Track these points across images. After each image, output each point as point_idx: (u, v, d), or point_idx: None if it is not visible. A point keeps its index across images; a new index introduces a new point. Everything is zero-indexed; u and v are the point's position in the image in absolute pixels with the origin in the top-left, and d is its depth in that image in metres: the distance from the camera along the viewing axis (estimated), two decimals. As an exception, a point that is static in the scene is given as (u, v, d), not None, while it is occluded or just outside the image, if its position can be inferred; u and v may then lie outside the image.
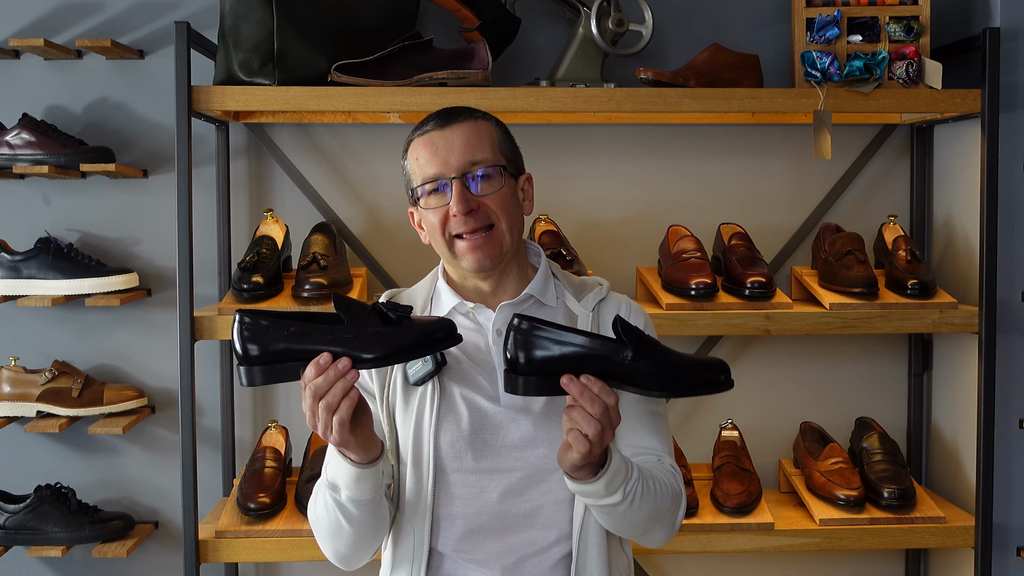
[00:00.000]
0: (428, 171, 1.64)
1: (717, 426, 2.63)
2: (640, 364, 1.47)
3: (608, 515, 1.57)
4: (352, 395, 1.46)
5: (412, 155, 1.68)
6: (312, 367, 1.46)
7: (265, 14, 2.29)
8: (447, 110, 1.69)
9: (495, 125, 1.70)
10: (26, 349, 2.61)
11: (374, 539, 1.64)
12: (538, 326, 1.48)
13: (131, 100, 2.62)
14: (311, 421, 1.48)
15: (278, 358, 1.48)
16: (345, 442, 1.49)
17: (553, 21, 2.64)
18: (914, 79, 2.37)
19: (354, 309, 1.50)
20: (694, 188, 2.69)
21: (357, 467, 1.53)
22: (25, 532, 2.44)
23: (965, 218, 2.53)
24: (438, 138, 1.65)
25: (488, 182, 1.64)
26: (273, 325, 1.48)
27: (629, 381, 1.48)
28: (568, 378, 1.46)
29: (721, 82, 2.41)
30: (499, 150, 1.67)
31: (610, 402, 1.46)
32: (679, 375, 1.49)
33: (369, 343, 1.48)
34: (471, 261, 1.64)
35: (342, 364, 1.45)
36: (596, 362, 1.47)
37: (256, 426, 2.68)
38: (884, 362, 2.74)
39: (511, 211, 1.66)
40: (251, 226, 2.65)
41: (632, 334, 1.48)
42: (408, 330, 1.49)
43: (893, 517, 2.39)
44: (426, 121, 1.68)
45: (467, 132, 1.65)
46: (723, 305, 2.37)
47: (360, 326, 1.49)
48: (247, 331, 1.48)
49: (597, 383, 1.46)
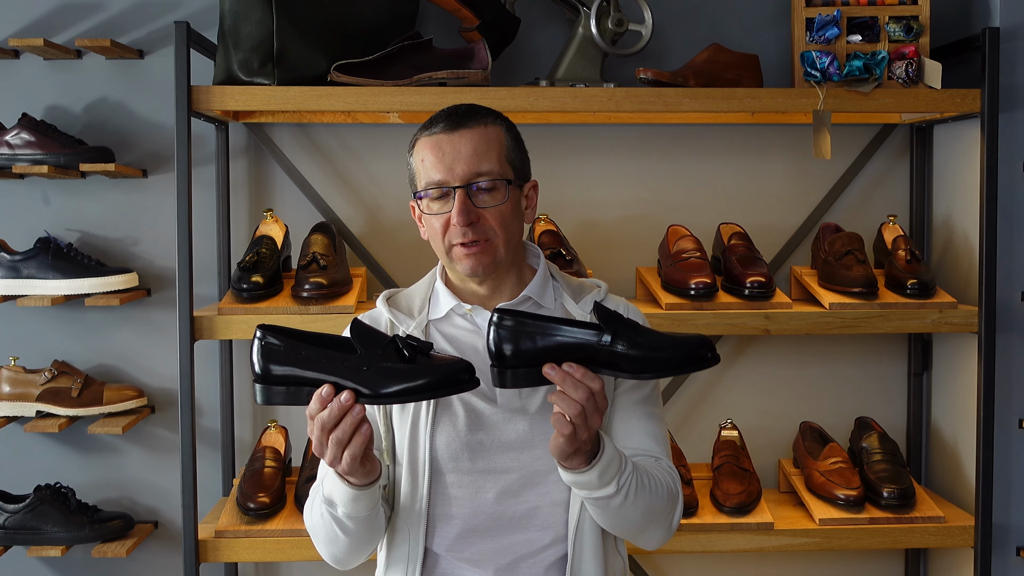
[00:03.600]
0: (433, 176, 1.63)
1: (717, 426, 2.63)
2: (620, 347, 1.47)
3: (603, 510, 1.57)
4: (364, 431, 1.45)
5: (418, 154, 1.66)
6: (316, 399, 1.45)
7: (265, 14, 2.29)
8: (457, 111, 1.66)
9: (505, 130, 1.67)
10: (26, 349, 2.61)
11: (370, 544, 1.65)
12: (518, 318, 1.49)
13: (131, 100, 2.62)
14: (319, 450, 1.47)
15: (289, 381, 1.46)
16: (352, 472, 1.49)
17: (553, 21, 2.64)
18: (914, 79, 2.37)
19: (370, 339, 1.47)
20: (694, 188, 2.69)
21: (355, 489, 1.53)
22: (25, 532, 2.44)
23: (965, 218, 2.53)
24: (446, 143, 1.62)
25: (491, 195, 1.62)
26: (287, 347, 1.45)
27: (612, 366, 1.49)
28: (550, 366, 1.47)
29: (721, 82, 2.41)
30: (506, 159, 1.65)
31: (594, 387, 1.46)
32: (662, 355, 1.48)
33: (378, 377, 1.44)
34: (465, 267, 1.64)
35: (344, 398, 1.43)
36: (578, 349, 1.48)
37: (256, 426, 2.68)
38: (884, 362, 2.74)
39: (510, 225, 1.64)
40: (251, 226, 2.65)
41: (610, 318, 1.49)
42: (421, 369, 1.45)
43: (893, 517, 2.39)
44: (435, 120, 1.66)
45: (476, 140, 1.62)
46: (723, 305, 2.37)
47: (373, 358, 1.45)
48: (262, 349, 1.46)
49: (580, 369, 1.46)
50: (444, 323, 1.70)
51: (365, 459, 1.49)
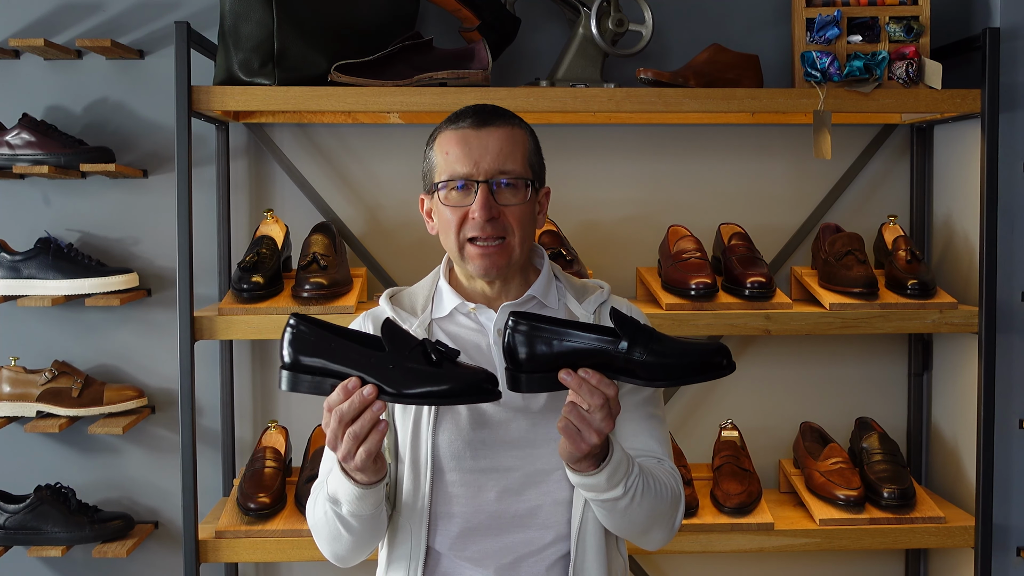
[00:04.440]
0: (458, 169, 1.63)
1: (717, 426, 2.63)
2: (637, 354, 1.47)
3: (609, 511, 1.57)
4: (381, 428, 1.45)
5: (441, 147, 1.66)
6: (339, 390, 1.45)
7: (265, 14, 2.29)
8: (485, 109, 1.67)
9: (529, 135, 1.69)
10: (26, 349, 2.61)
11: (373, 542, 1.65)
12: (535, 323, 1.48)
13: (131, 100, 2.62)
14: (332, 444, 1.48)
15: (315, 371, 1.47)
16: (364, 468, 1.49)
17: (553, 21, 2.64)
18: (914, 79, 2.37)
19: (399, 339, 1.48)
20: (694, 188, 2.69)
21: (361, 487, 1.53)
22: (25, 532, 2.44)
23: (965, 218, 2.53)
24: (473, 137, 1.64)
25: (513, 193, 1.64)
26: (318, 337, 1.47)
27: (628, 372, 1.48)
28: (566, 372, 1.46)
29: (721, 82, 2.41)
30: (528, 162, 1.67)
31: (610, 393, 1.46)
32: (678, 362, 1.47)
33: (402, 377, 1.45)
34: (478, 267, 1.64)
35: (367, 391, 1.45)
36: (594, 355, 1.47)
37: (256, 426, 2.68)
38: (884, 362, 2.74)
39: (526, 226, 1.66)
40: (251, 226, 2.65)
41: (628, 325, 1.48)
42: (446, 374, 1.46)
43: (893, 517, 2.39)
44: (462, 115, 1.67)
45: (503, 138, 1.64)
46: (723, 305, 2.37)
47: (400, 358, 1.46)
48: (293, 337, 1.48)
49: (595, 375, 1.46)
50: (447, 322, 1.70)
51: (376, 457, 1.49)
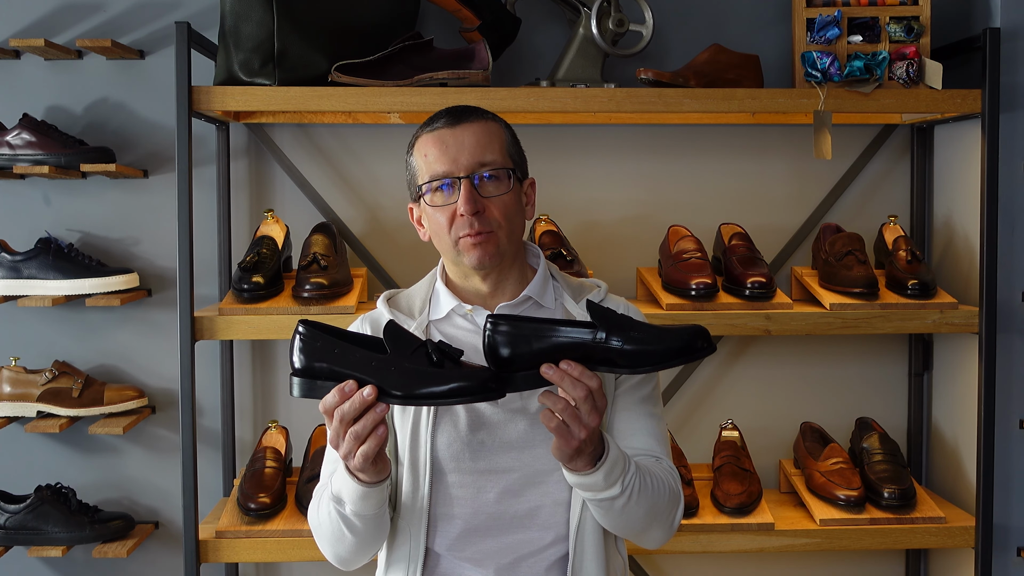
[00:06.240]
0: (437, 168, 1.64)
1: (717, 426, 2.63)
2: (615, 342, 1.47)
3: (607, 511, 1.57)
4: (380, 433, 1.46)
5: (420, 151, 1.67)
6: (336, 392, 1.46)
7: (265, 14, 2.29)
8: (458, 108, 1.68)
9: (504, 128, 1.70)
10: (26, 349, 2.61)
11: (376, 544, 1.65)
12: (512, 322, 1.49)
13: (131, 100, 2.62)
14: (334, 442, 1.48)
15: (320, 375, 1.48)
16: (364, 469, 1.49)
17: (553, 21, 2.64)
18: (914, 79, 2.37)
19: (401, 341, 1.48)
20: (694, 188, 2.69)
21: (365, 486, 1.53)
22: (25, 532, 2.44)
23: (965, 218, 2.53)
24: (448, 136, 1.64)
25: (496, 184, 1.64)
26: (323, 342, 1.48)
27: (609, 362, 1.48)
28: (548, 366, 1.47)
29: (721, 82, 2.41)
30: (507, 152, 1.67)
31: (592, 385, 1.46)
32: (657, 347, 1.48)
33: (404, 379, 1.46)
34: (472, 258, 1.64)
35: (367, 392, 1.45)
36: (574, 348, 1.48)
37: (256, 426, 2.68)
38: (884, 362, 2.74)
39: (513, 218, 1.66)
40: (251, 226, 2.65)
41: (603, 315, 1.49)
42: (448, 374, 1.46)
43: (893, 517, 2.39)
44: (436, 118, 1.68)
45: (478, 132, 1.65)
46: (723, 305, 2.37)
47: (401, 359, 1.47)
48: (301, 342, 1.49)
49: (576, 367, 1.46)
50: (445, 323, 1.70)
51: (378, 458, 1.49)
